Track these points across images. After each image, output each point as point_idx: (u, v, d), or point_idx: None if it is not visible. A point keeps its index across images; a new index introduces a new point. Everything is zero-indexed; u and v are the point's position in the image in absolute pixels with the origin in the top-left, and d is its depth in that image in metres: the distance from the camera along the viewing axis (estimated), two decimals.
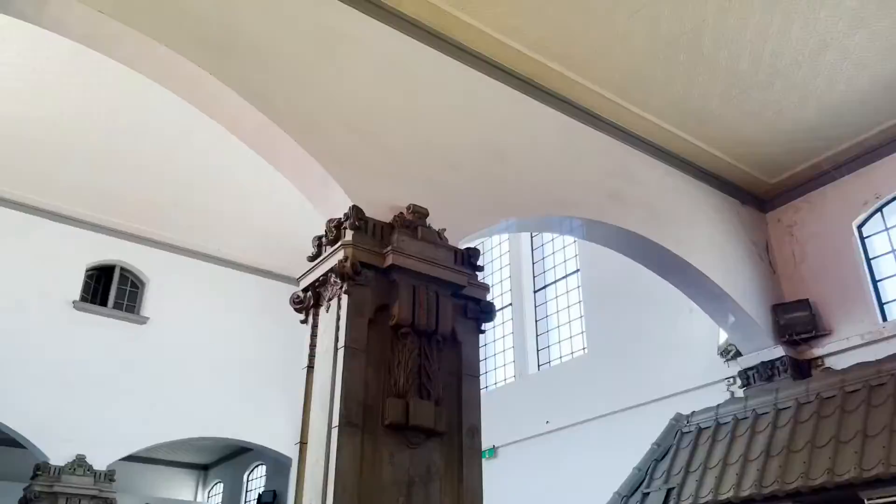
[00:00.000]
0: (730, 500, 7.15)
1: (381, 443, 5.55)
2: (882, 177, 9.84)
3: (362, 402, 5.54)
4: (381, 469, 5.47)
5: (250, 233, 14.46)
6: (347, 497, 5.22)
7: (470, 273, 6.53)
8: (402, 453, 5.62)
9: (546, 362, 14.04)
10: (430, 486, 5.66)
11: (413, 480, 5.59)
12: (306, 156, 6.47)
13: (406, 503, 5.49)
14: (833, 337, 9.75)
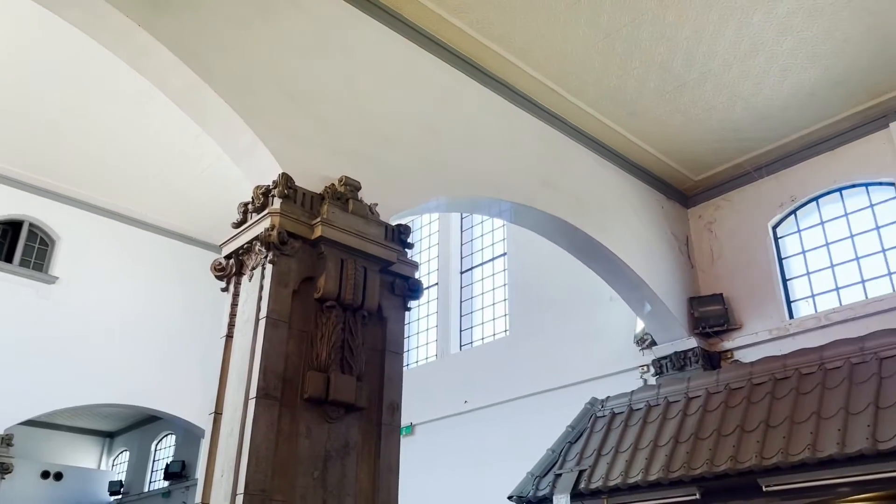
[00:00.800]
0: (638, 484, 7.39)
1: (299, 416, 5.47)
2: (798, 180, 10.28)
3: (281, 375, 5.44)
4: (297, 442, 5.39)
5: (172, 196, 13.93)
6: (261, 470, 5.13)
7: (400, 250, 6.48)
8: (320, 427, 5.56)
9: (468, 343, 14.16)
10: (347, 460, 5.63)
11: (329, 455, 5.54)
12: (237, 119, 6.26)
13: (321, 477, 5.45)
14: (743, 331, 10.16)
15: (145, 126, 11.76)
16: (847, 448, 6.25)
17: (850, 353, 7.24)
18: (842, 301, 9.54)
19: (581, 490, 7.77)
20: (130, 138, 12.16)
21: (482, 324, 14.05)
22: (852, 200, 9.88)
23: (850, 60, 8.77)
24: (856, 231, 9.71)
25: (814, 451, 6.41)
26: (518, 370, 12.46)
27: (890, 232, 9.39)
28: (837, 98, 9.40)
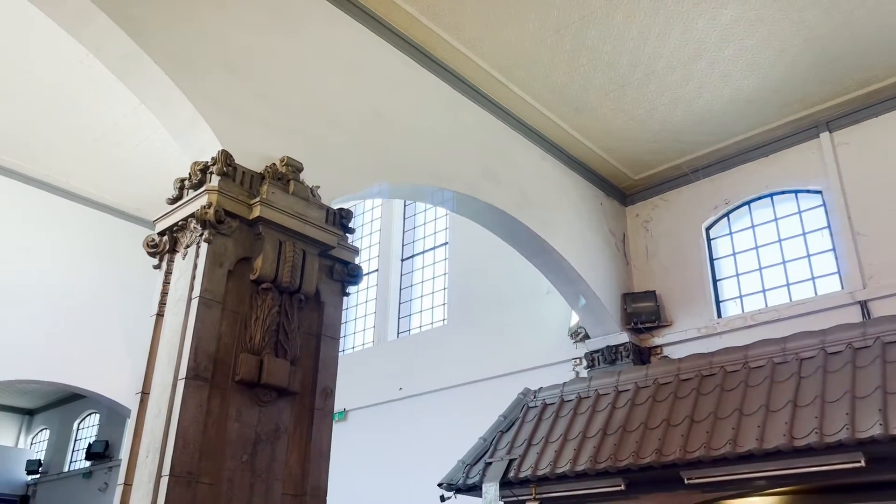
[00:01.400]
0: (565, 474, 7.53)
1: (230, 399, 5.38)
2: (732, 184, 10.59)
3: (213, 356, 5.34)
4: (226, 425, 5.31)
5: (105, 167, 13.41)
6: (188, 452, 5.03)
7: (340, 234, 6.42)
8: (251, 410, 5.48)
9: (406, 330, 14.15)
10: (277, 444, 5.58)
11: (260, 438, 5.48)
12: (177, 92, 6.07)
13: (250, 461, 5.38)
14: (673, 328, 10.45)
15: (79, 93, 11.29)
16: (765, 444, 6.49)
17: (772, 353, 7.51)
18: (767, 303, 9.90)
19: (510, 478, 7.87)
20: (62, 105, 11.65)
21: (420, 312, 14.07)
22: (782, 206, 10.25)
23: (786, 70, 9.07)
24: (784, 236, 10.08)
25: (734, 446, 6.64)
26: (454, 359, 12.53)
27: (815, 238, 9.77)
28: (773, 106, 9.71)
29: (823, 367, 6.96)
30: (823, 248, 9.65)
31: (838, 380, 6.74)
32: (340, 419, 13.43)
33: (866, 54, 8.79)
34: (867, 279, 8.92)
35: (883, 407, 6.13)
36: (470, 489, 8.26)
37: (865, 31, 8.43)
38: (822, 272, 9.58)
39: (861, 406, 6.31)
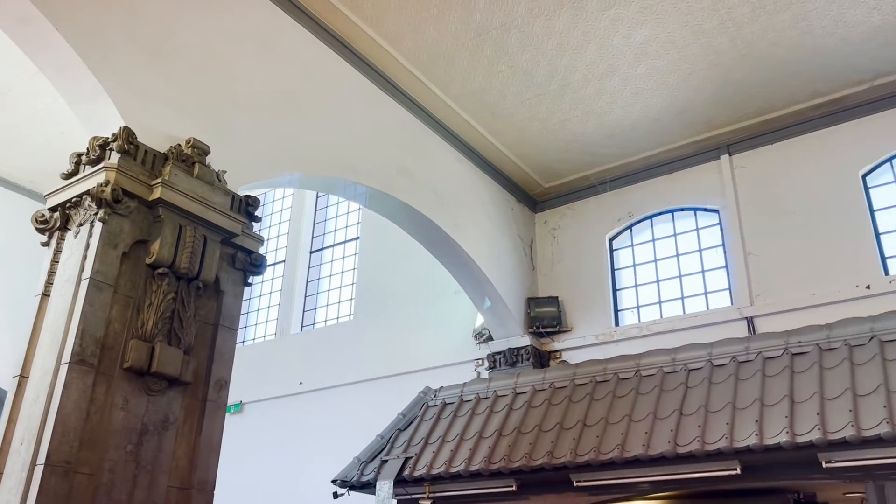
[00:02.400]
0: (460, 473, 7.61)
1: (117, 386, 5.16)
2: (637, 198, 10.98)
3: (101, 341, 5.11)
4: (111, 414, 5.09)
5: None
6: (67, 441, 4.79)
7: (245, 222, 6.27)
8: (139, 399, 5.27)
9: (310, 324, 13.95)
10: (165, 435, 5.39)
11: (147, 428, 5.28)
12: (79, 62, 5.78)
13: (135, 451, 5.18)
14: (573, 334, 10.74)
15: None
16: (651, 450, 6.76)
17: (663, 362, 7.83)
18: (662, 314, 10.31)
19: (405, 477, 7.89)
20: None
21: (327, 306, 13.89)
22: (681, 222, 10.70)
23: (693, 93, 9.47)
24: (681, 251, 10.53)
25: (622, 451, 6.89)
26: (358, 355, 12.44)
27: (710, 255, 10.25)
28: (678, 126, 10.12)
29: (709, 379, 7.31)
30: (717, 264, 10.13)
31: (721, 391, 7.09)
32: (236, 412, 13.10)
33: (766, 84, 9.29)
34: (755, 297, 9.42)
35: (759, 418, 6.50)
36: (364, 486, 8.23)
37: (766, 62, 8.91)
38: (714, 287, 10.06)
39: (740, 417, 6.66)
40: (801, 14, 8.19)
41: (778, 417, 6.42)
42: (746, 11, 8.17)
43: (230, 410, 12.88)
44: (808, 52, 8.74)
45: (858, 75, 9.07)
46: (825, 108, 9.54)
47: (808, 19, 8.26)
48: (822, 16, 8.20)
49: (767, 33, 8.47)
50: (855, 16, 8.17)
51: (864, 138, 9.33)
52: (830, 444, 5.99)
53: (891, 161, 9.21)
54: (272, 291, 14.75)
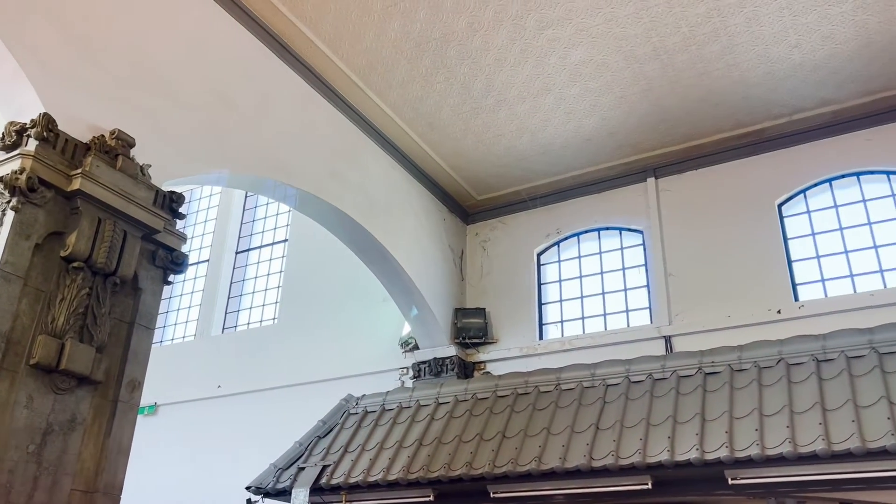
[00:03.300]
0: (378, 482, 7.56)
1: (21, 383, 4.93)
2: (566, 215, 11.20)
3: (6, 335, 4.88)
4: (13, 412, 4.86)
5: None
6: None
7: (168, 219, 6.10)
8: (45, 398, 5.05)
9: (232, 326, 13.64)
10: (71, 436, 5.17)
11: (52, 428, 5.06)
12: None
13: (37, 452, 4.95)
14: (498, 346, 10.84)
15: None
16: (567, 463, 6.87)
17: (583, 377, 7.99)
18: (585, 329, 10.52)
19: (322, 485, 7.78)
20: None
21: (250, 308, 13.62)
22: (607, 241, 10.97)
23: (623, 116, 9.74)
24: (606, 269, 10.78)
25: (539, 464, 6.97)
26: (280, 360, 12.24)
27: (632, 274, 10.53)
28: (608, 147, 10.39)
29: (626, 395, 7.49)
30: (639, 283, 10.42)
31: (637, 407, 7.28)
32: (149, 413, 12.68)
33: (693, 112, 9.64)
34: (673, 316, 9.72)
35: (672, 435, 6.69)
36: (279, 494, 8.07)
37: (694, 91, 9.25)
38: (635, 306, 10.34)
39: (653, 432, 6.84)
40: (729, 47, 8.54)
41: (689, 434, 6.63)
42: (678, 41, 8.47)
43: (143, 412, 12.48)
44: (733, 84, 9.12)
45: (778, 109, 9.52)
46: (747, 138, 9.96)
47: (735, 53, 8.62)
48: (747, 50, 8.57)
49: (696, 63, 8.80)
50: (777, 52, 8.58)
51: (781, 169, 9.78)
52: (737, 461, 6.21)
53: (804, 192, 9.68)
54: (194, 291, 14.36)
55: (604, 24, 8.26)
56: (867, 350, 6.81)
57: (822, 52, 8.55)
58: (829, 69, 8.80)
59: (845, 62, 8.67)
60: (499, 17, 8.18)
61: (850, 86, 9.05)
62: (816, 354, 6.99)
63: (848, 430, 5.96)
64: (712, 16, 8.10)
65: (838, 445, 5.88)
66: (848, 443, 5.85)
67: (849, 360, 6.79)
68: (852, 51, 8.50)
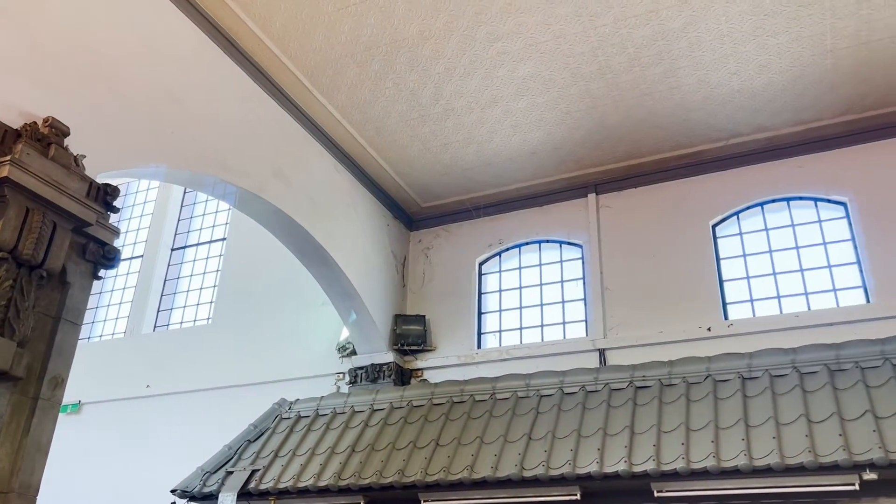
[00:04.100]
0: (308, 489, 7.47)
1: None
2: (508, 226, 11.31)
3: None
4: None
5: None
6: None
7: (101, 212, 5.91)
8: None
9: (164, 325, 13.30)
10: None
11: None
12: None
13: None
14: (436, 353, 10.85)
15: None
16: (499, 472, 6.92)
17: (518, 387, 8.07)
18: (522, 340, 10.62)
19: (250, 490, 7.65)
20: None
21: (184, 307, 13.29)
22: (548, 253, 11.11)
23: (568, 131, 9.90)
24: (545, 280, 10.92)
25: (471, 472, 7.01)
26: (213, 361, 11.99)
27: (570, 286, 10.69)
28: (553, 162, 10.54)
29: (559, 406, 7.59)
30: (576, 296, 10.58)
31: (569, 418, 7.39)
32: (73, 411, 12.24)
33: (635, 131, 9.86)
34: (608, 330, 9.91)
35: (601, 447, 6.81)
36: (205, 498, 7.90)
37: (636, 111, 9.47)
38: (572, 318, 10.49)
39: (584, 444, 6.96)
40: (672, 70, 8.78)
41: (618, 447, 6.76)
42: (623, 61, 8.66)
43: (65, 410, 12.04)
44: (674, 107, 9.37)
45: (716, 133, 9.83)
46: (685, 159, 10.25)
47: (677, 76, 8.87)
48: (689, 74, 8.83)
49: (640, 84, 9.02)
50: (717, 78, 8.86)
51: (716, 191, 10.09)
52: (663, 474, 6.37)
53: (738, 215, 10.01)
54: (126, 287, 13.95)
55: (552, 40, 8.39)
56: (790, 370, 7.07)
57: (759, 81, 8.87)
58: (764, 97, 9.13)
59: (780, 92, 9.02)
60: (450, 27, 8.22)
61: (784, 114, 9.41)
62: (742, 372, 7.23)
63: (769, 447, 6.18)
64: (657, 39, 8.32)
65: (759, 461, 6.08)
66: (768, 458, 6.06)
67: (772, 378, 7.04)
68: (787, 81, 8.85)
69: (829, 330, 8.31)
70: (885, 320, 8.22)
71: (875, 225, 9.00)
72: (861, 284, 8.92)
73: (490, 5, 7.93)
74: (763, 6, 7.84)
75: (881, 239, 8.89)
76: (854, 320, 8.43)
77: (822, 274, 9.23)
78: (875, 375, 6.66)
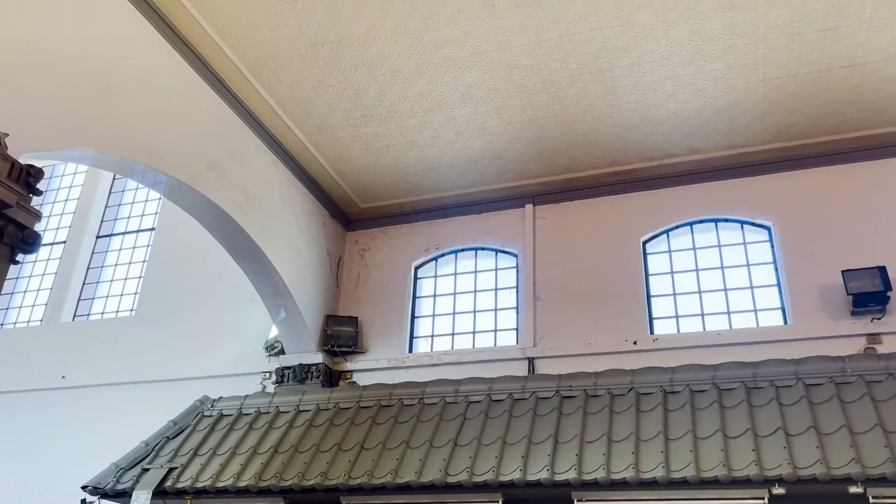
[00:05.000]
0: (226, 488, 7.29)
1: None
2: (446, 232, 11.33)
3: None
4: None
5: None
6: None
7: (23, 193, 5.67)
8: None
9: (85, 314, 12.81)
10: None
11: None
12: None
13: None
14: (367, 356, 10.77)
15: None
16: (423, 477, 6.91)
17: (446, 392, 8.08)
18: (454, 345, 10.65)
19: (166, 488, 7.42)
20: None
21: (106, 297, 12.84)
22: (483, 261, 11.18)
23: (509, 141, 9.99)
24: (479, 287, 10.98)
25: (395, 477, 6.97)
26: (135, 354, 11.61)
27: (504, 295, 10.78)
28: (493, 171, 10.61)
29: (486, 413, 7.64)
30: (509, 305, 10.67)
31: (496, 425, 7.44)
32: None
33: (574, 146, 10.02)
34: (538, 339, 10.02)
35: (526, 454, 6.88)
36: (118, 495, 7.63)
37: (576, 126, 9.63)
38: (504, 326, 10.58)
39: (509, 451, 7.01)
40: (612, 88, 8.97)
41: (542, 455, 6.84)
42: (566, 76, 8.80)
43: None
44: (612, 124, 9.57)
45: (651, 152, 10.08)
46: (620, 176, 10.47)
47: (617, 94, 9.06)
48: (628, 93, 9.04)
49: (581, 100, 9.18)
50: (655, 99, 9.10)
51: (648, 209, 10.35)
52: (584, 484, 6.47)
53: (668, 233, 10.29)
54: (45, 274, 13.38)
55: (498, 50, 8.46)
56: (709, 385, 7.30)
57: (694, 104, 9.15)
58: (699, 120, 9.42)
59: (714, 116, 9.32)
60: (397, 29, 8.20)
61: (716, 138, 9.73)
62: (664, 386, 7.42)
63: (686, 460, 6.36)
64: (600, 56, 8.49)
65: (676, 473, 6.25)
66: (685, 471, 6.23)
67: (692, 393, 7.25)
68: (721, 106, 9.15)
69: (749, 349, 8.60)
70: (800, 342, 8.57)
71: (795, 250, 9.39)
72: (780, 306, 9.28)
73: (439, 11, 7.95)
74: (702, 32, 8.09)
75: (800, 263, 9.27)
76: (772, 340, 8.76)
77: (744, 294, 9.57)
78: (788, 394, 6.93)
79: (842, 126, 9.32)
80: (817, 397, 6.78)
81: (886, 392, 6.63)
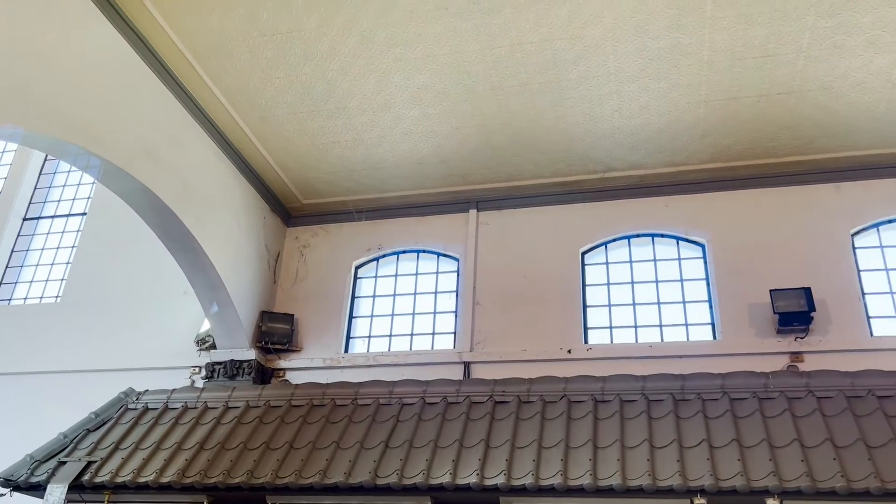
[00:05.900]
0: (147, 484, 7.07)
1: None
2: (389, 232, 11.26)
3: None
4: None
5: None
6: None
7: None
8: None
9: (6, 299, 12.27)
10: None
11: None
12: None
13: None
14: (302, 354, 10.60)
15: None
16: (352, 479, 6.83)
17: (380, 394, 8.01)
18: (391, 347, 10.58)
19: (83, 482, 7.15)
20: None
21: (31, 282, 12.32)
22: (424, 263, 11.16)
23: (456, 146, 10.00)
24: (420, 290, 10.95)
25: (323, 477, 6.87)
26: (58, 342, 11.19)
27: (443, 298, 10.77)
28: (439, 174, 10.61)
29: (419, 415, 7.61)
30: (448, 308, 10.67)
31: (428, 428, 7.42)
32: None
33: (520, 154, 10.10)
34: (475, 344, 10.05)
35: (456, 458, 6.87)
36: (32, 488, 7.32)
37: (523, 135, 9.71)
38: (442, 330, 10.56)
39: (440, 455, 7.00)
40: (560, 100, 9.07)
41: (472, 459, 6.85)
42: (515, 85, 8.86)
43: None
44: (558, 135, 9.68)
45: (594, 165, 10.24)
46: (563, 186, 10.60)
47: (564, 106, 9.17)
48: (575, 106, 9.16)
49: (529, 109, 9.26)
50: (601, 113, 9.24)
51: (588, 220, 10.50)
52: (512, 489, 6.50)
53: (606, 245, 10.46)
54: None
55: (450, 54, 8.46)
56: (639, 396, 7.43)
57: (638, 120, 9.33)
58: (641, 136, 9.61)
59: (656, 133, 9.53)
60: (349, 25, 8.12)
61: (658, 155, 9.94)
62: (595, 395, 7.52)
63: (613, 468, 6.45)
64: (549, 67, 8.58)
65: (603, 481, 6.34)
66: (611, 479, 6.32)
67: (622, 403, 7.37)
68: (663, 124, 9.36)
69: (678, 362, 8.81)
70: (727, 357, 8.81)
71: (727, 267, 9.67)
72: (710, 322, 9.54)
73: (392, 10, 7.91)
74: (648, 50, 8.26)
75: (731, 281, 9.55)
76: (701, 355, 8.99)
77: (676, 308, 9.80)
78: (714, 407, 7.11)
79: (777, 150, 9.65)
80: (741, 411, 6.98)
81: (806, 408, 6.87)
